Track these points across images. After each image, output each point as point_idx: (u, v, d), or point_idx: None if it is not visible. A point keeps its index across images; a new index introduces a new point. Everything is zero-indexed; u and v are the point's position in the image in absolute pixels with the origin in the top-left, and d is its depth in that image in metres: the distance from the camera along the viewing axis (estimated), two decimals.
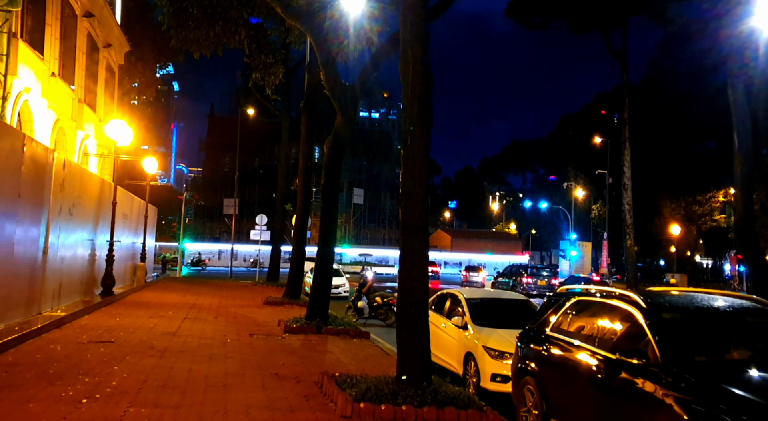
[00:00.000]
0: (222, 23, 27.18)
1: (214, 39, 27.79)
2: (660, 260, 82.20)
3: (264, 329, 13.40)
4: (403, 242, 7.40)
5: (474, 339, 9.15)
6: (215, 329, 12.69)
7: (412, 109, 7.33)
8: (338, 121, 14.16)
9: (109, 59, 26.51)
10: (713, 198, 64.86)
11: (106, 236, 16.65)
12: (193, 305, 17.52)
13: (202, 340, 11.08)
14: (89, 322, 12.24)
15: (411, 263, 7.32)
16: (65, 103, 20.04)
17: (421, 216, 7.29)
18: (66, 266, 13.23)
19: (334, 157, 14.21)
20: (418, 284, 7.27)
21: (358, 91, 14.07)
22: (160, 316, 14.24)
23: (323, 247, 14.11)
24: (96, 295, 16.27)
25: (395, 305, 17.65)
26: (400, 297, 7.47)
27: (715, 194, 64.38)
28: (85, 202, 14.76)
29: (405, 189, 7.36)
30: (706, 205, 65.76)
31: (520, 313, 9.86)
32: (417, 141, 7.32)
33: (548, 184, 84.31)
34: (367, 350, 11.43)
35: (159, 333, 11.48)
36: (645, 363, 4.90)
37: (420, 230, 7.33)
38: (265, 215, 35.33)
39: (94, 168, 24.20)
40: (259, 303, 19.60)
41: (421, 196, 7.28)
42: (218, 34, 27.52)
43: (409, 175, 7.34)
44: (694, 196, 64.17)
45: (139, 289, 21.47)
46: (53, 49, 18.75)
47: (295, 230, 22.14)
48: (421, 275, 7.30)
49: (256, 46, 29.06)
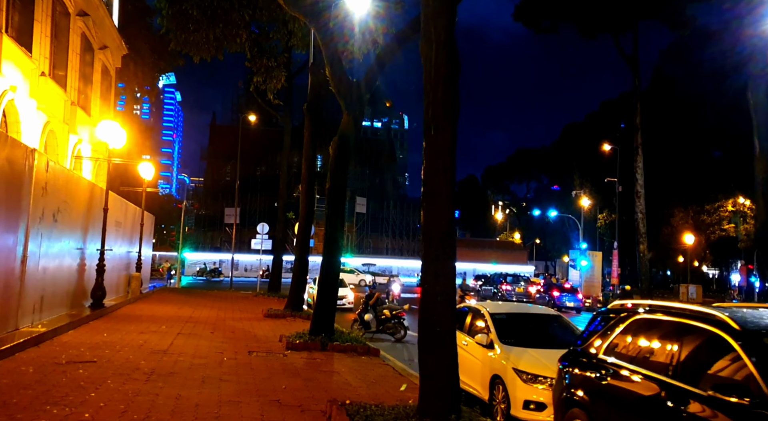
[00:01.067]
0: (222, 26, 26.37)
1: (215, 42, 26.98)
2: (667, 270, 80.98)
3: (264, 345, 12.32)
4: (425, 250, 6.33)
5: (501, 360, 8.07)
6: (211, 346, 11.62)
7: (436, 94, 6.28)
8: (344, 121, 13.14)
9: (105, 61, 25.52)
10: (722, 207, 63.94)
11: (97, 245, 15.61)
12: (189, 319, 16.44)
13: (196, 359, 10.00)
14: (73, 338, 11.16)
15: (435, 275, 6.24)
16: (56, 104, 19.03)
17: (447, 219, 6.24)
18: (49, 276, 12.17)
19: (340, 159, 13.16)
20: (445, 300, 6.19)
21: (365, 89, 13.07)
22: (152, 331, 13.16)
23: (328, 256, 13.03)
24: (85, 308, 15.20)
25: (404, 318, 16.61)
26: (423, 315, 6.38)
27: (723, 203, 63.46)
28: (73, 207, 13.72)
29: (428, 188, 6.30)
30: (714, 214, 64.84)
31: (552, 329, 8.79)
32: (442, 131, 6.27)
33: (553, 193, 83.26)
34: (378, 370, 10.34)
35: (148, 351, 10.40)
36: (750, 403, 3.81)
37: (446, 236, 6.26)
38: (266, 224, 34.37)
39: (89, 174, 23.17)
40: (260, 316, 18.56)
41: (447, 196, 6.23)
42: (219, 37, 26.72)
43: (433, 171, 6.28)
44: (702, 205, 63.25)
45: (133, 301, 20.39)
46: (43, 47, 17.74)
47: (298, 238, 21.09)
48: (447, 288, 6.23)
49: (258, 50, 28.21)
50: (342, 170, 13.21)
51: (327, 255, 13.01)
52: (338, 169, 13.16)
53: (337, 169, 13.18)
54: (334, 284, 13.17)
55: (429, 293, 6.26)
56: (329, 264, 13.00)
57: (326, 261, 12.96)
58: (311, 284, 24.14)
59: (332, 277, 13.04)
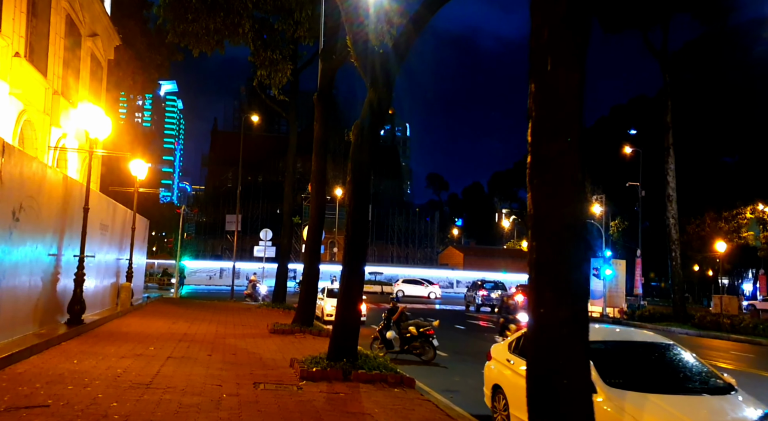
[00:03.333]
0: (223, 15, 24.14)
1: (215, 34, 24.76)
2: None
3: (273, 372, 10.01)
4: (538, 253, 4.02)
5: (606, 407, 5.71)
6: (207, 375, 9.30)
7: (556, 5, 4.01)
8: (368, 99, 10.84)
9: (96, 51, 23.25)
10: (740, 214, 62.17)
11: (76, 251, 13.33)
12: (183, 336, 14.12)
13: (187, 397, 7.69)
14: (31, 368, 8.83)
15: (556, 291, 3.92)
16: (35, 91, 16.77)
17: (575, 204, 3.92)
18: (7, 288, 9.86)
19: (364, 146, 10.84)
20: (573, 333, 3.87)
21: (394, 60, 10.77)
22: (137, 354, 10.84)
23: (351, 263, 10.69)
24: (60, 325, 12.88)
25: (433, 336, 14.29)
26: (535, 356, 4.06)
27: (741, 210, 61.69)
28: (43, 205, 11.44)
29: (540, 155, 4.01)
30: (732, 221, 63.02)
31: (670, 364, 6.45)
32: (564, 65, 3.98)
33: None
34: (420, 410, 8.05)
35: (126, 386, 8.08)
36: None
37: (573, 231, 3.95)
38: (269, 230, 32.09)
39: (75, 173, 20.90)
40: (264, 331, 16.31)
41: (574, 166, 3.93)
42: (219, 28, 24.50)
43: (549, 130, 3.99)
44: (720, 212, 61.46)
45: (122, 314, 18.06)
46: (17, 24, 15.45)
47: (307, 244, 18.80)
48: (576, 313, 3.90)
49: (261, 43, 26.12)
50: (366, 159, 10.90)
51: (349, 262, 10.68)
52: (361, 158, 10.85)
53: (359, 159, 10.87)
54: (358, 297, 10.86)
55: (545, 319, 3.95)
56: (352, 273, 10.68)
57: (350, 270, 10.63)
58: (320, 295, 21.93)
59: (356, 289, 10.73)
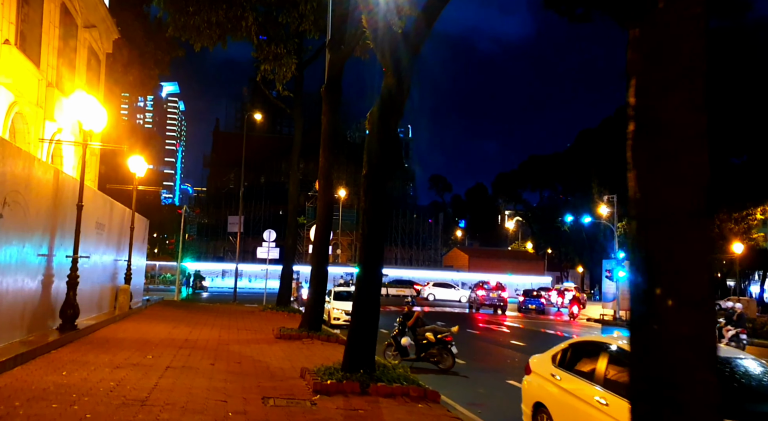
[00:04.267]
0: (226, 7, 23.30)
1: (217, 27, 23.85)
2: None
3: (282, 384, 9.05)
4: (650, 244, 3.06)
5: None
6: (210, 388, 8.35)
7: None
8: (386, 83, 9.85)
9: (93, 43, 22.31)
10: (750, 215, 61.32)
11: (69, 251, 12.39)
12: (184, 343, 13.17)
13: (186, 416, 6.74)
14: (12, 381, 7.87)
15: (674, 295, 2.95)
16: (26, 82, 15.83)
17: (698, 186, 2.96)
18: None
19: (383, 134, 9.86)
20: (700, 351, 2.90)
21: (414, 38, 9.77)
22: (133, 364, 9.88)
23: (368, 265, 9.72)
24: (51, 331, 11.95)
25: (452, 343, 13.33)
26: (644, 377, 3.09)
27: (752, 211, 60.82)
28: (30, 201, 10.50)
29: (651, 117, 3.05)
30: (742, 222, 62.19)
31: (756, 382, 5.46)
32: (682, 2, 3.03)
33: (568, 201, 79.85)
34: None
35: (118, 403, 7.12)
36: None
37: (696, 219, 2.98)
38: (273, 231, 31.12)
39: (71, 170, 19.97)
40: (270, 337, 15.37)
41: (699, 135, 2.97)
42: (221, 21, 23.59)
43: (668, 84, 3.03)
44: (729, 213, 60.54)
45: (119, 318, 17.11)
46: (7, 9, 14.50)
47: (315, 245, 17.81)
48: (702, 325, 2.94)
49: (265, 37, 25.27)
50: (385, 149, 9.90)
51: (366, 263, 9.73)
52: (380, 146, 9.86)
53: (377, 148, 9.88)
54: (376, 301, 9.88)
55: (662, 331, 2.97)
56: (369, 275, 9.71)
57: (366, 272, 9.67)
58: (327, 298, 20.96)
59: (374, 292, 9.76)
